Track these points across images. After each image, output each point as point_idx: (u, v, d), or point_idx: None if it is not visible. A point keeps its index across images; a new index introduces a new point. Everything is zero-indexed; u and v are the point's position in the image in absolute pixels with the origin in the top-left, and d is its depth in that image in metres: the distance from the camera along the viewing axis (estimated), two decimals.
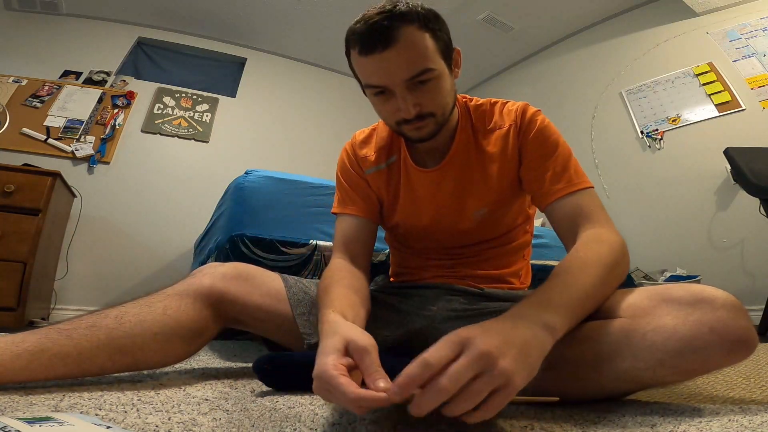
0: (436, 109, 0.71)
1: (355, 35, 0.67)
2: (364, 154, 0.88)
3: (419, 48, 0.66)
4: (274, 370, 0.65)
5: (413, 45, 0.65)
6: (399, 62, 0.65)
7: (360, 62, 0.69)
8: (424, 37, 0.66)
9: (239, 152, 3.28)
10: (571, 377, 0.55)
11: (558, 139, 0.78)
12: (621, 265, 0.61)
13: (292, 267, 1.27)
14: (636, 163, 2.79)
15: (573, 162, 0.76)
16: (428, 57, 0.67)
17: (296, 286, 0.79)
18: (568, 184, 0.73)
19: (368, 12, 0.67)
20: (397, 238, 0.94)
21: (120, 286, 2.69)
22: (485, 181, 0.81)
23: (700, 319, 0.48)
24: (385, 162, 0.86)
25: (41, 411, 0.46)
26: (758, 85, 2.41)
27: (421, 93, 0.69)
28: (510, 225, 0.87)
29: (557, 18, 3.30)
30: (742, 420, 0.48)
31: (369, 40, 0.65)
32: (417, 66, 0.66)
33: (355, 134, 0.93)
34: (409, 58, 0.65)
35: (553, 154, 0.76)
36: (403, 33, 0.64)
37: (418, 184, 0.83)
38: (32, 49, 3.00)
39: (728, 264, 2.29)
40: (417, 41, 0.66)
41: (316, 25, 3.42)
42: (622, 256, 0.62)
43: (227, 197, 1.55)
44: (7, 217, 1.99)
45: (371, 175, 0.87)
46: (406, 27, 0.65)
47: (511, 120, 0.80)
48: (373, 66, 0.67)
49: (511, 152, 0.79)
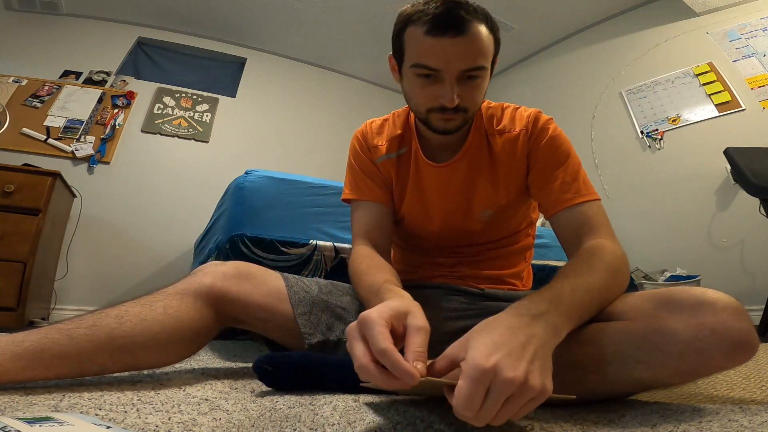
0: (471, 106, 0.73)
1: (427, 15, 0.67)
2: (376, 143, 0.88)
3: (484, 45, 0.68)
4: (275, 370, 0.65)
5: (480, 40, 0.67)
6: (464, 52, 0.67)
7: (422, 41, 0.68)
8: (489, 38, 0.69)
9: (239, 152, 3.27)
10: (573, 380, 0.55)
11: (569, 149, 0.79)
12: (623, 273, 0.63)
13: (292, 267, 1.27)
14: (636, 163, 2.79)
15: (582, 173, 0.77)
16: (487, 56, 0.69)
17: (297, 286, 0.79)
18: (576, 194, 0.74)
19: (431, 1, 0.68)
20: (401, 234, 0.94)
21: (120, 286, 2.69)
22: (493, 183, 0.81)
23: (702, 321, 0.48)
24: (396, 152, 0.86)
25: (41, 411, 0.46)
26: (758, 85, 2.41)
27: (466, 87, 0.70)
28: (514, 228, 0.88)
29: (557, 18, 3.30)
30: (742, 420, 0.48)
31: (444, 22, 0.66)
32: (477, 61, 0.68)
33: (367, 123, 0.92)
34: (474, 51, 0.67)
35: (563, 164, 0.77)
36: (475, 26, 0.66)
37: (427, 178, 0.83)
38: (32, 49, 3.00)
39: (728, 264, 2.29)
40: (484, 38, 0.68)
41: (316, 25, 3.42)
42: (624, 266, 0.64)
43: (227, 197, 1.55)
44: (7, 217, 1.99)
45: (381, 164, 0.87)
46: (478, 23, 0.67)
47: (522, 125, 0.81)
48: (436, 47, 0.67)
49: (520, 157, 0.80)
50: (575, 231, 0.71)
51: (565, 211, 0.73)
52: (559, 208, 0.74)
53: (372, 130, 0.90)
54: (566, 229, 0.73)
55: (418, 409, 0.55)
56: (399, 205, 0.88)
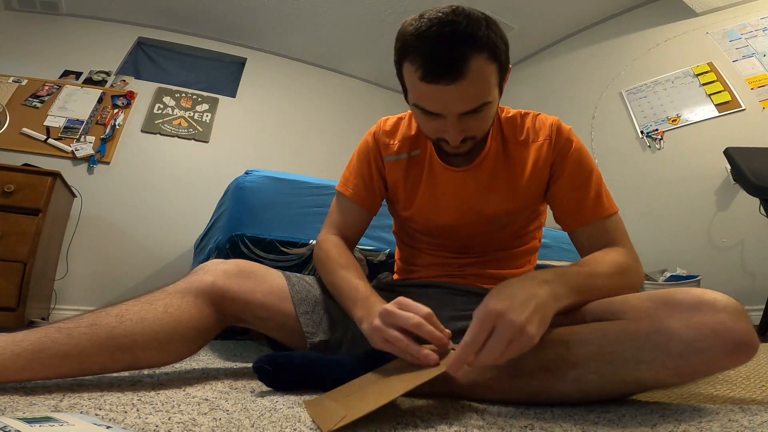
0: (479, 134, 0.72)
1: (418, 54, 0.61)
2: (387, 141, 0.88)
3: (484, 84, 0.63)
4: (275, 370, 0.64)
5: (480, 80, 0.61)
6: (462, 97, 0.62)
7: (418, 85, 0.63)
8: (490, 69, 0.62)
9: (239, 152, 3.27)
10: (573, 379, 0.55)
11: (592, 165, 0.80)
12: (631, 274, 0.69)
13: (291, 267, 1.27)
14: (636, 163, 2.79)
15: (603, 187, 0.79)
16: (490, 91, 0.64)
17: (299, 284, 0.79)
18: (598, 210, 0.76)
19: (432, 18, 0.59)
20: (408, 233, 0.94)
21: (120, 286, 2.69)
22: (509, 190, 0.81)
23: (702, 321, 0.48)
24: (407, 153, 0.86)
25: (41, 411, 0.46)
26: (758, 85, 2.41)
27: (470, 121, 0.67)
28: (523, 230, 0.88)
29: (557, 18, 3.30)
30: (742, 420, 0.48)
31: (436, 68, 0.60)
32: (478, 101, 0.64)
33: (382, 120, 0.91)
34: (473, 94, 0.63)
35: (588, 181, 0.78)
36: (472, 66, 0.59)
37: (442, 181, 0.83)
38: (32, 49, 3.00)
39: (728, 264, 2.29)
40: (484, 76, 0.62)
41: (316, 25, 3.42)
42: (633, 268, 0.70)
43: (227, 197, 1.55)
44: (7, 217, 1.99)
45: (390, 163, 0.87)
46: (476, 58, 0.60)
47: (545, 135, 0.80)
48: (432, 94, 0.63)
49: (543, 166, 0.80)
50: (595, 245, 0.75)
51: (585, 228, 0.77)
52: (581, 225, 0.77)
53: (385, 128, 0.89)
54: (586, 244, 0.77)
55: (419, 410, 0.55)
56: (408, 205, 0.87)
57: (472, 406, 0.58)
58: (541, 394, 0.57)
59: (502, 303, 0.50)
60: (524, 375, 0.57)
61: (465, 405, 0.58)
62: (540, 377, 0.56)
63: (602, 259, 0.69)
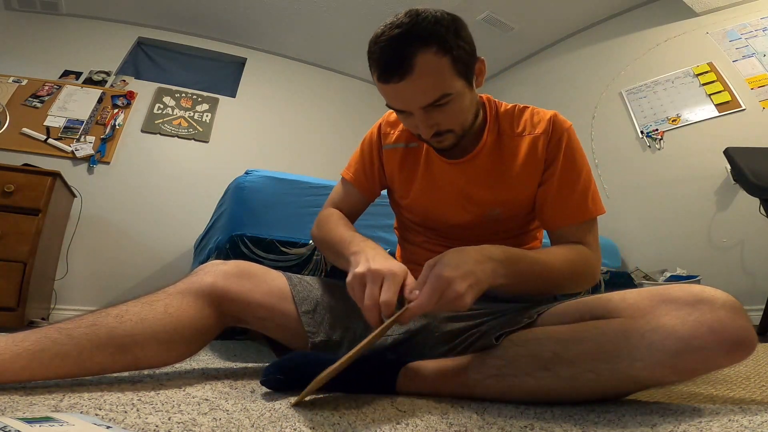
0: (454, 127, 0.73)
1: (373, 59, 0.67)
2: (388, 131, 0.91)
3: (436, 76, 0.65)
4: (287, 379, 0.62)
5: (429, 74, 0.64)
6: (415, 92, 0.66)
7: (378, 86, 0.70)
8: (441, 63, 0.65)
9: (239, 152, 3.27)
10: (569, 378, 0.55)
11: (582, 164, 0.80)
12: (584, 272, 0.75)
13: (292, 267, 1.27)
14: (636, 163, 2.79)
15: (591, 187, 0.79)
16: (445, 83, 0.66)
17: (300, 284, 0.79)
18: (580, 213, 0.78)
19: (388, 24, 0.66)
20: (408, 227, 0.95)
21: (120, 286, 2.69)
22: (503, 181, 0.81)
23: (699, 319, 0.48)
24: (404, 143, 0.88)
25: (41, 411, 0.46)
26: (758, 85, 2.41)
27: (438, 114, 0.70)
28: (522, 229, 0.88)
29: (557, 18, 3.30)
30: (742, 420, 0.48)
31: (385, 68, 0.65)
32: (433, 94, 0.66)
33: (389, 111, 0.93)
34: (426, 87, 0.65)
35: (576, 182, 0.79)
36: (419, 62, 0.63)
37: (438, 173, 0.84)
38: (32, 49, 3.00)
39: (728, 264, 2.28)
40: (434, 69, 0.64)
41: (316, 25, 3.42)
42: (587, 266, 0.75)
43: (227, 197, 1.55)
44: (7, 217, 1.99)
45: (388, 151, 0.90)
46: (423, 54, 0.63)
47: (542, 129, 0.81)
48: (390, 93, 0.68)
49: (539, 159, 0.80)
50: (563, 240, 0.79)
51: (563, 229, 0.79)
52: (559, 226, 0.79)
53: (389, 119, 0.93)
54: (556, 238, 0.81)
55: (419, 410, 0.55)
56: (405, 194, 0.89)
57: (472, 406, 0.58)
58: (539, 393, 0.57)
59: (451, 271, 0.57)
60: (522, 374, 0.57)
61: (465, 405, 0.58)
62: (538, 376, 0.56)
63: (559, 254, 0.73)
